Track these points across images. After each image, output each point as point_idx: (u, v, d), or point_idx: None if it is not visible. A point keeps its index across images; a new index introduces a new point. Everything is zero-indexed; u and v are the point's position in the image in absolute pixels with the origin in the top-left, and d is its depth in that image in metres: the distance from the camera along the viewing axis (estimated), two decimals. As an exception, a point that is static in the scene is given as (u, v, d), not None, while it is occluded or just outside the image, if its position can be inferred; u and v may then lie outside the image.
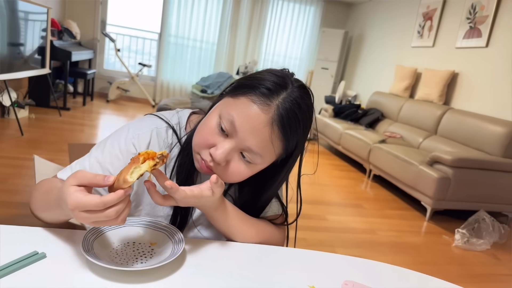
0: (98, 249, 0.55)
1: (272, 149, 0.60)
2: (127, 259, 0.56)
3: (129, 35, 5.74)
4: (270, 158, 0.62)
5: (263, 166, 0.64)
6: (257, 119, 0.58)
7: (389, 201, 3.07)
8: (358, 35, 5.75)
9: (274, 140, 0.59)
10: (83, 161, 0.68)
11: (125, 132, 0.69)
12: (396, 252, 2.19)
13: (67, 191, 0.49)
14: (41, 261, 0.52)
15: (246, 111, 0.58)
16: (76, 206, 0.48)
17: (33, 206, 0.65)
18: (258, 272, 0.60)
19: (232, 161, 0.61)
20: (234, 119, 0.58)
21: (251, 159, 0.61)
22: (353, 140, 3.84)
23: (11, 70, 3.05)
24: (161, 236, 0.62)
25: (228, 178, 0.63)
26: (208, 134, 0.61)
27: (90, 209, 0.48)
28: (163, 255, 0.57)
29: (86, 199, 0.48)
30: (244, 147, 0.59)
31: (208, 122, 0.62)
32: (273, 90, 0.59)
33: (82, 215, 0.49)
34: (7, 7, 2.88)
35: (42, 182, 0.67)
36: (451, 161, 2.60)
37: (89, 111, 4.59)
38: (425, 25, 4.19)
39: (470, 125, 3.11)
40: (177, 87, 5.77)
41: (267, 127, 0.58)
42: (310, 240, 2.14)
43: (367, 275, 0.64)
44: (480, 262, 2.20)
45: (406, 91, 4.23)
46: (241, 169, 0.61)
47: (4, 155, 2.61)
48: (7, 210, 1.86)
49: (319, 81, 5.84)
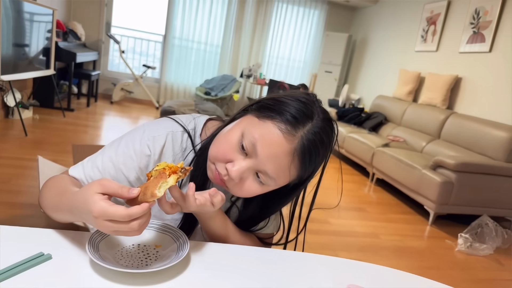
0: (104, 251, 0.56)
1: (288, 175, 0.61)
2: (132, 261, 0.57)
3: (134, 37, 5.78)
4: (283, 182, 0.63)
5: (275, 188, 0.65)
6: (280, 147, 0.58)
7: (392, 205, 3.06)
8: (362, 39, 5.75)
9: (292, 169, 0.60)
10: (95, 159, 0.68)
11: (140, 133, 0.69)
12: (399, 256, 2.18)
13: (92, 198, 0.49)
14: (46, 262, 0.53)
15: (270, 137, 0.58)
16: (101, 215, 0.48)
17: (43, 204, 0.65)
18: (263, 275, 0.60)
19: (246, 180, 0.62)
20: (257, 142, 0.58)
21: (265, 181, 0.62)
22: (357, 143, 3.83)
23: (16, 70, 3.08)
24: (166, 239, 0.62)
25: (238, 193, 0.64)
26: (227, 149, 0.61)
27: (115, 219, 0.49)
28: (168, 257, 0.57)
29: (112, 210, 0.48)
30: (260, 170, 0.60)
31: (229, 136, 0.62)
32: (299, 119, 0.59)
33: (106, 223, 0.49)
34: (13, 8, 2.91)
35: (54, 181, 0.66)
36: (454, 165, 2.60)
37: (93, 112, 4.61)
38: (428, 29, 4.19)
39: (474, 130, 3.10)
40: (181, 89, 5.80)
41: (288, 157, 0.59)
42: (312, 244, 2.14)
43: (370, 279, 0.64)
44: (483, 267, 2.19)
45: (410, 95, 4.22)
46: (253, 188, 0.62)
47: (8, 155, 2.63)
48: (11, 211, 1.87)
49: (322, 85, 5.84)
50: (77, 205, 0.52)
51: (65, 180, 0.66)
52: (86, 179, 0.67)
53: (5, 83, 3.26)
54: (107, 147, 0.70)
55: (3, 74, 2.82)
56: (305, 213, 0.78)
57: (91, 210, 0.49)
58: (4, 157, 2.58)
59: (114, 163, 0.67)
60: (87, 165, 0.68)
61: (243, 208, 0.76)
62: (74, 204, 0.53)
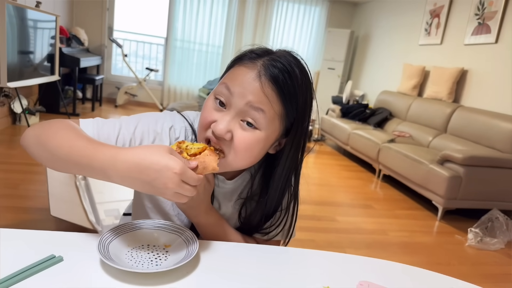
0: (114, 252, 0.56)
1: (269, 103, 0.59)
2: (142, 261, 0.57)
3: (136, 40, 5.81)
4: (271, 116, 0.60)
5: (268, 132, 0.61)
6: (245, 75, 0.60)
7: (399, 201, 3.03)
8: (364, 34, 5.71)
9: (268, 93, 0.59)
10: (113, 125, 0.67)
11: (162, 118, 0.70)
12: (407, 252, 2.16)
13: (171, 156, 0.51)
14: (58, 264, 0.53)
15: (235, 73, 0.61)
16: (183, 172, 0.51)
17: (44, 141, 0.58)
18: (274, 273, 0.59)
19: (235, 132, 0.60)
20: (227, 83, 0.61)
21: (254, 120, 0.59)
22: (362, 140, 3.81)
23: (22, 77, 3.11)
24: (175, 238, 0.62)
25: (237, 153, 0.61)
26: (206, 114, 0.62)
27: (189, 182, 0.52)
28: (178, 257, 0.57)
29: (191, 172, 0.52)
30: (242, 108, 0.59)
31: (205, 105, 0.64)
32: (259, 54, 0.62)
33: (180, 184, 0.51)
34: (17, 16, 2.94)
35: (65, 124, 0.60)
36: (462, 159, 2.57)
37: (98, 116, 4.62)
38: (432, 22, 4.15)
39: (481, 123, 3.06)
40: (184, 91, 5.81)
41: (256, 80, 0.59)
42: (320, 242, 2.13)
43: (382, 275, 0.64)
44: (494, 262, 2.16)
45: (415, 89, 4.18)
46: (246, 137, 0.60)
47: (17, 161, 2.66)
48: (20, 216, 1.89)
49: (326, 82, 5.82)
50: (145, 163, 0.50)
51: (81, 130, 0.61)
52: (98, 139, 0.62)
53: (12, 90, 3.29)
54: (124, 119, 0.69)
55: (10, 81, 2.85)
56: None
57: (172, 166, 0.50)
58: (12, 162, 2.61)
59: (131, 135, 0.67)
60: (102, 126, 0.66)
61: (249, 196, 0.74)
62: (137, 161, 0.51)
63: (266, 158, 0.71)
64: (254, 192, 0.74)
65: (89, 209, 1.62)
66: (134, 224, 0.64)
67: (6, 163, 2.60)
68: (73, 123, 0.64)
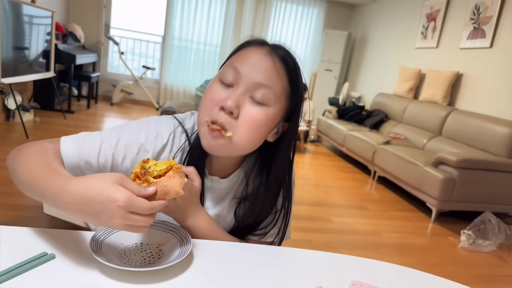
0: (107, 250, 0.56)
1: (278, 79, 0.61)
2: (135, 259, 0.56)
3: (133, 38, 5.78)
4: (279, 92, 0.61)
5: (275, 110, 0.62)
6: (256, 53, 0.61)
7: (394, 203, 3.05)
8: (362, 37, 5.74)
9: (279, 68, 0.61)
10: (94, 139, 0.65)
11: (145, 127, 0.68)
12: (401, 253, 2.18)
13: (115, 186, 0.47)
14: (50, 261, 0.53)
15: (244, 54, 0.62)
16: (128, 204, 0.47)
17: (14, 171, 0.58)
18: (267, 273, 0.60)
19: (244, 108, 0.60)
20: (235, 64, 0.61)
21: (263, 97, 0.60)
22: (358, 141, 3.83)
23: (16, 73, 3.08)
24: (169, 237, 0.62)
25: (244, 130, 0.60)
26: (212, 94, 0.61)
27: (137, 211, 0.48)
28: (171, 255, 0.57)
29: (138, 200, 0.48)
30: (252, 85, 0.60)
31: (209, 88, 0.63)
32: (264, 42, 0.65)
33: (127, 216, 0.47)
34: (12, 11, 2.92)
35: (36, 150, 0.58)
36: (456, 162, 2.59)
37: (94, 114, 4.62)
38: (428, 26, 4.18)
39: (475, 126, 3.09)
40: (181, 89, 5.80)
41: (268, 56, 0.61)
42: (315, 242, 2.14)
43: (374, 275, 0.64)
44: (486, 264, 2.18)
45: (410, 92, 4.21)
46: (255, 113, 0.60)
47: (10, 157, 2.63)
48: (12, 213, 1.87)
49: (322, 83, 5.84)
50: (89, 197, 0.47)
51: (50, 154, 0.59)
52: (79, 157, 0.63)
53: (6, 86, 3.26)
54: (107, 132, 0.67)
55: (4, 77, 2.83)
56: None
57: (116, 198, 0.46)
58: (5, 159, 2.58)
59: (113, 150, 0.65)
60: (83, 142, 0.64)
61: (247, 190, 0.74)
62: (81, 195, 0.48)
63: (261, 155, 0.71)
64: (249, 191, 0.73)
65: (83, 207, 1.60)
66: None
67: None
68: (48, 146, 0.62)
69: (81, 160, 0.64)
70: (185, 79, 5.79)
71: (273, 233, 0.76)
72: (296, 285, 0.58)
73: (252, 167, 0.73)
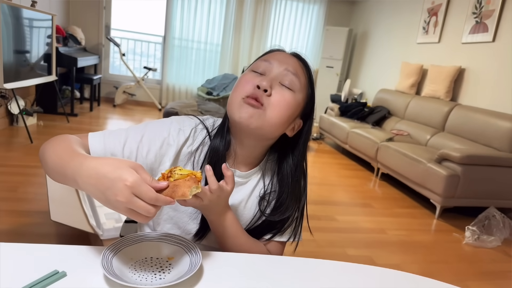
0: (117, 266, 0.56)
1: (303, 73, 0.72)
2: (146, 275, 0.57)
3: (134, 39, 5.78)
4: (303, 84, 0.72)
5: (299, 98, 0.71)
6: (282, 54, 0.74)
7: (398, 200, 3.05)
8: (363, 33, 5.71)
9: (302, 66, 0.73)
10: (119, 134, 0.70)
11: (167, 123, 0.74)
12: (406, 251, 2.18)
13: (128, 169, 0.50)
14: (61, 280, 0.53)
15: (272, 55, 0.73)
16: (135, 185, 0.49)
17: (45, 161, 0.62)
18: (275, 284, 0.60)
19: (275, 89, 0.68)
20: (266, 58, 0.72)
21: (290, 83, 0.69)
22: (360, 138, 3.82)
23: (18, 78, 3.09)
24: (178, 250, 0.63)
25: (274, 108, 0.67)
26: (248, 78, 0.70)
27: (142, 197, 0.49)
28: (181, 269, 0.58)
29: (146, 187, 0.50)
30: (282, 71, 0.70)
31: (243, 77, 0.71)
32: (283, 50, 0.77)
33: (131, 197, 0.49)
34: (11, 15, 2.92)
35: (63, 140, 0.63)
36: (460, 158, 2.58)
37: (97, 116, 4.63)
38: (430, 21, 4.15)
39: (478, 121, 3.08)
40: (183, 89, 5.80)
41: (292, 57, 0.74)
42: (321, 242, 2.14)
43: (379, 283, 0.64)
44: (491, 259, 2.18)
45: (413, 88, 4.20)
46: (285, 94, 0.69)
47: (15, 163, 2.65)
48: (20, 219, 1.89)
49: (324, 80, 5.82)
50: (102, 172, 0.50)
51: (77, 142, 0.64)
52: (105, 149, 0.68)
53: (8, 91, 3.28)
54: (130, 129, 0.71)
55: (6, 83, 2.84)
56: None
57: (125, 177, 0.49)
58: (11, 165, 2.61)
59: (138, 144, 0.69)
60: (108, 136, 0.69)
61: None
62: (95, 170, 0.51)
63: (278, 153, 0.77)
64: (267, 189, 0.77)
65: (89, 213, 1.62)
66: (137, 237, 0.64)
67: (4, 165, 2.59)
68: (76, 137, 0.66)
69: (107, 152, 0.68)
70: (187, 79, 5.79)
71: (289, 232, 0.79)
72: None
73: (270, 165, 0.79)
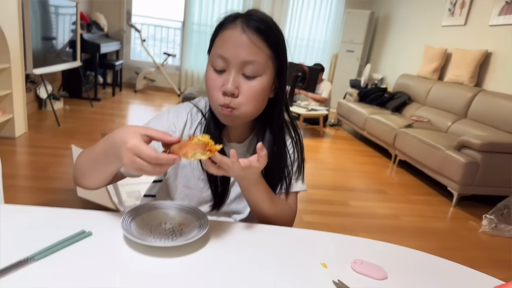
0: (135, 228, 0.64)
1: (259, 50, 0.68)
2: (160, 236, 0.64)
3: (154, 24, 5.86)
4: (264, 60, 0.69)
5: (266, 76, 0.70)
6: (231, 36, 0.68)
7: (414, 187, 3.03)
8: (385, 15, 5.54)
9: (256, 41, 0.68)
10: None
11: (166, 114, 0.81)
12: (419, 237, 2.19)
13: (131, 134, 0.57)
14: (88, 238, 0.61)
15: (222, 39, 0.69)
16: (133, 147, 0.55)
17: (77, 173, 0.72)
18: (275, 252, 0.66)
19: (241, 85, 0.69)
20: (219, 53, 0.69)
21: (252, 71, 0.68)
22: (379, 125, 3.78)
23: (46, 64, 3.24)
24: (189, 218, 0.69)
25: (247, 102, 0.70)
26: (212, 83, 0.71)
27: (143, 157, 0.55)
28: (191, 234, 0.64)
29: (144, 147, 0.56)
30: (239, 64, 0.68)
31: (207, 77, 0.72)
32: (236, 15, 0.70)
33: (133, 158, 0.55)
34: (39, 3, 3.04)
35: (85, 150, 0.74)
36: (480, 145, 2.53)
37: (119, 101, 4.79)
38: (456, 2, 3.97)
39: (503, 108, 2.97)
40: (201, 75, 5.87)
41: (242, 35, 0.68)
42: (332, 225, 2.18)
43: (375, 254, 0.69)
44: (507, 248, 2.16)
45: (435, 73, 4.07)
46: (252, 86, 0.70)
47: (44, 144, 2.82)
48: (49, 196, 2.04)
49: (344, 65, 5.72)
50: (113, 139, 0.59)
51: None
52: None
53: (37, 77, 3.45)
54: None
55: (35, 68, 2.99)
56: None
57: (127, 141, 0.56)
58: (41, 146, 2.78)
59: None
60: None
61: None
62: (111, 138, 0.60)
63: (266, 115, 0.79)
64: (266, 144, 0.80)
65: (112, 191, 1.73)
66: (153, 204, 0.71)
67: (35, 146, 2.77)
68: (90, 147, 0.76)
69: None
70: (205, 64, 5.72)
71: (294, 182, 0.84)
72: (302, 262, 0.63)
73: (262, 128, 0.81)
